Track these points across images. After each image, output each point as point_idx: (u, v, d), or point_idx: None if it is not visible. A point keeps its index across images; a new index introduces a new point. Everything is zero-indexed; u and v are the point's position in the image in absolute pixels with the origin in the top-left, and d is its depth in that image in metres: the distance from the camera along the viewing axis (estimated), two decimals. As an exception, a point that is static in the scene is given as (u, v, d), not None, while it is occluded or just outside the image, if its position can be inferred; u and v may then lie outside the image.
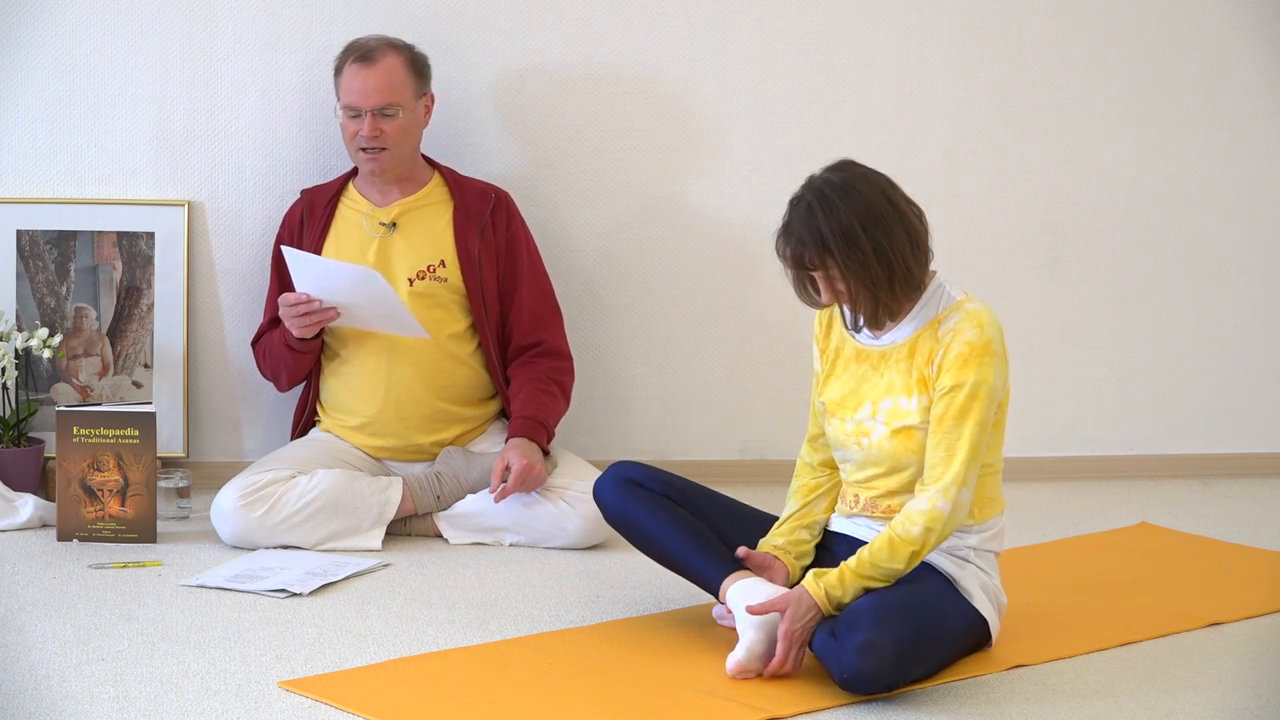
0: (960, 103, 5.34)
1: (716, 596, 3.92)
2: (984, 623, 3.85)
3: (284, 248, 4.65)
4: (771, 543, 3.99)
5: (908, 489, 3.84)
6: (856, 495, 3.93)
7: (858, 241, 3.71)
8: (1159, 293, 5.50)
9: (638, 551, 4.66)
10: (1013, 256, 5.37)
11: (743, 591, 3.83)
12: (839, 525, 3.99)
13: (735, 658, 3.75)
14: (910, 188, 3.90)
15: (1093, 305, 5.46)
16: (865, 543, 3.85)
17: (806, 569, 3.96)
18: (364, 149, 4.77)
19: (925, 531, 3.72)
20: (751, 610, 3.77)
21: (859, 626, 3.63)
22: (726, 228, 5.30)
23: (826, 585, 3.73)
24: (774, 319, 5.32)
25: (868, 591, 3.73)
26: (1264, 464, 5.56)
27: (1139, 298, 5.49)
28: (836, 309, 3.96)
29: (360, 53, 4.77)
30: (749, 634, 3.77)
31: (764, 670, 3.76)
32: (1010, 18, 5.33)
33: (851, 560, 3.75)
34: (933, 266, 3.83)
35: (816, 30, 5.27)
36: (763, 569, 3.94)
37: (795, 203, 3.79)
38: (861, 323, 3.84)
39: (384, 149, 4.76)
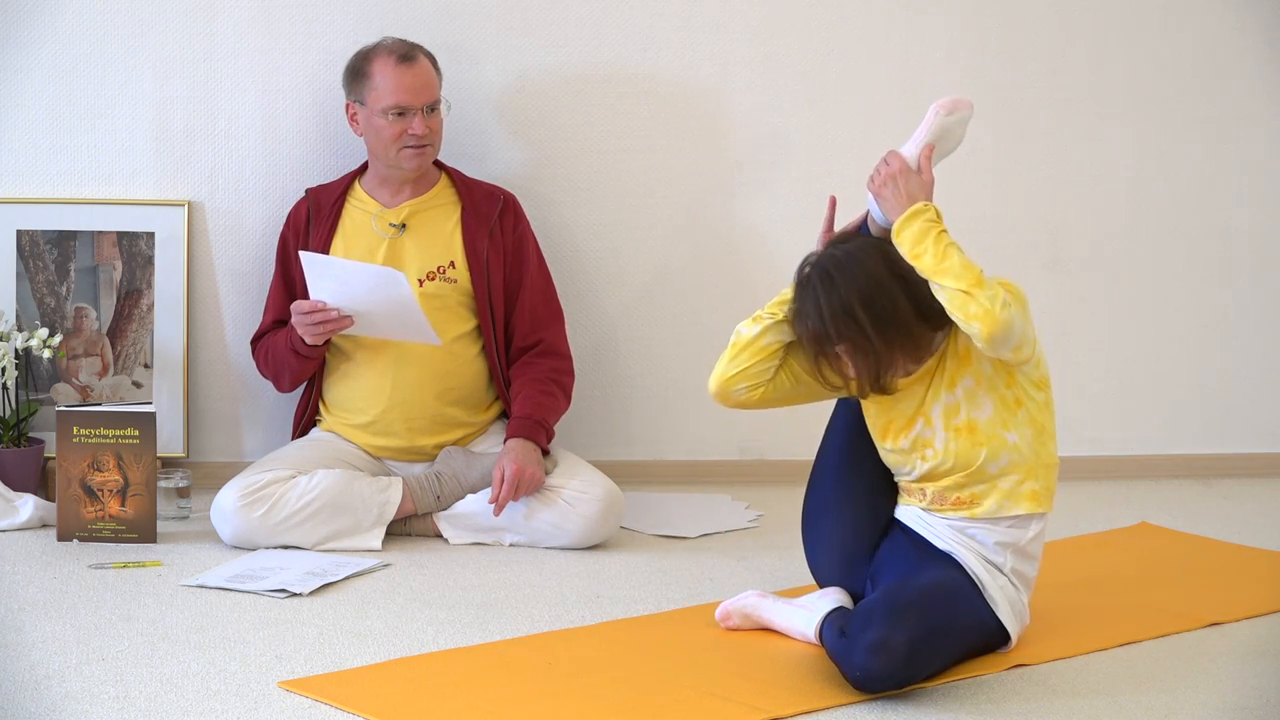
0: (960, 103, 5.34)
1: None
2: (1001, 632, 3.85)
3: (303, 253, 4.63)
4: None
5: (977, 480, 3.86)
6: (923, 489, 3.93)
7: (855, 317, 3.74)
8: (1159, 293, 5.50)
9: (638, 551, 4.68)
10: (1013, 256, 5.36)
11: None
12: (906, 516, 3.98)
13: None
14: (910, 188, 3.92)
15: (1093, 305, 5.46)
16: (935, 536, 3.90)
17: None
18: (410, 146, 4.76)
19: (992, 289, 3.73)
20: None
21: (871, 625, 3.64)
22: (726, 227, 5.30)
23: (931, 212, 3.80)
24: (774, 319, 5.32)
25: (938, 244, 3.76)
26: (1264, 464, 5.55)
27: (1139, 298, 5.49)
28: None
29: (400, 53, 4.76)
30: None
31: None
32: (1011, 18, 5.33)
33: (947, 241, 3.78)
34: None
35: (816, 30, 5.27)
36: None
37: (799, 283, 3.82)
38: (867, 393, 3.83)
39: (428, 145, 4.77)
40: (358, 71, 4.81)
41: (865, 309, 3.73)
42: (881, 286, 3.75)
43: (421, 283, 4.77)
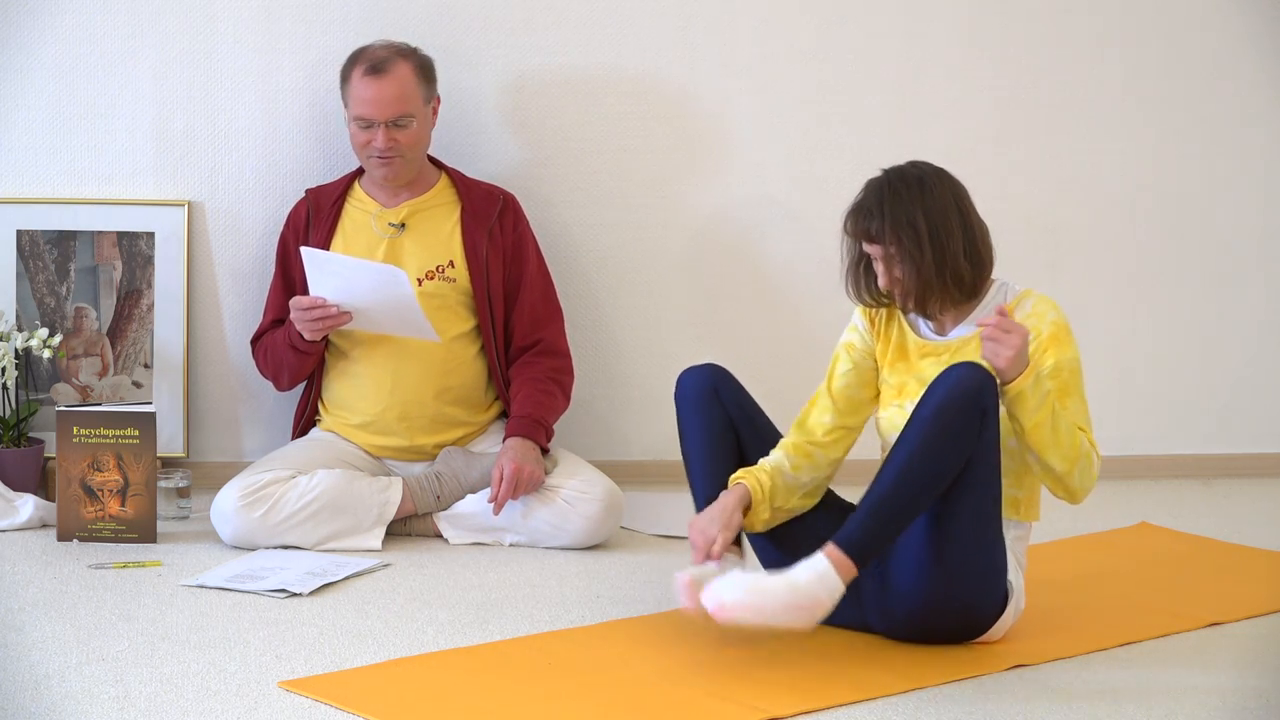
0: (961, 103, 5.34)
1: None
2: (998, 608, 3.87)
3: (304, 249, 4.63)
4: (747, 474, 3.99)
5: None
6: None
7: (918, 228, 3.83)
8: (1159, 293, 5.50)
9: (638, 551, 4.68)
10: (1013, 256, 5.34)
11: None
12: None
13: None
14: (911, 188, 3.92)
15: (1093, 305, 5.46)
16: None
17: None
18: (376, 157, 4.76)
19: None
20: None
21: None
22: (726, 228, 5.30)
23: None
24: (774, 319, 5.32)
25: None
26: (1264, 464, 5.56)
27: (1139, 298, 5.49)
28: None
29: (370, 63, 4.75)
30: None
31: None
32: (1010, 19, 5.33)
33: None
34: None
35: (816, 31, 5.27)
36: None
37: (870, 183, 3.91)
38: (911, 307, 3.91)
39: (397, 156, 4.76)
40: (342, 75, 4.82)
41: (926, 221, 3.83)
42: (946, 215, 3.86)
43: (420, 282, 4.77)
